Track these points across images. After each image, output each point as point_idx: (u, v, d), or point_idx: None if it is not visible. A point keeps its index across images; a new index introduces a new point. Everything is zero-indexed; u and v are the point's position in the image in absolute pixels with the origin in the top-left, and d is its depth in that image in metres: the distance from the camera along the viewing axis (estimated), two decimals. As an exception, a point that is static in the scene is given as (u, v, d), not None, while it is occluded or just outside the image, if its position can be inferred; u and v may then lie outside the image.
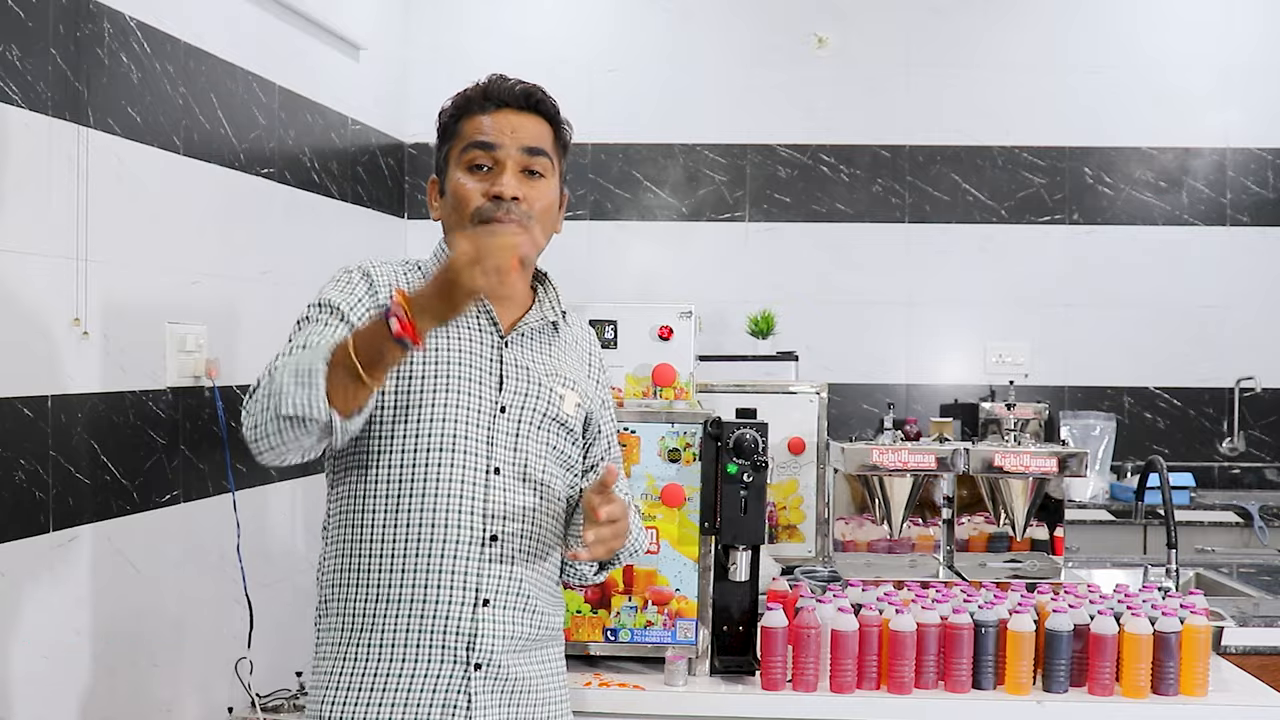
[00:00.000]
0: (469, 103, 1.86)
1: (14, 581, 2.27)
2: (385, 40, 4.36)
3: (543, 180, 1.85)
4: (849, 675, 2.05)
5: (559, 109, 1.89)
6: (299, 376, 1.58)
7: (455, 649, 1.72)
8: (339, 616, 1.76)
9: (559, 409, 1.83)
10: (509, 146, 1.82)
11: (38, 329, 2.36)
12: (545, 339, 1.88)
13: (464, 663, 1.73)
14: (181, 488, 2.84)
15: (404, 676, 1.72)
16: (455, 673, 1.73)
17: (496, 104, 1.84)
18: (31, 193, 2.35)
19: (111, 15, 2.60)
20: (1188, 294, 4.63)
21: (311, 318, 1.77)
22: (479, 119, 1.84)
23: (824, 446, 2.75)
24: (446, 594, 1.72)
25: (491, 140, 1.82)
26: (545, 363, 1.86)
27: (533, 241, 1.64)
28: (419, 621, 1.72)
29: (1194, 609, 2.12)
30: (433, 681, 1.72)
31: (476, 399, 1.76)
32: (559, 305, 1.91)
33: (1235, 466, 4.61)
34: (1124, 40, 4.68)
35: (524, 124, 1.84)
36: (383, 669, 1.72)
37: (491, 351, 1.81)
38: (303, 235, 3.57)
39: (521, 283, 1.80)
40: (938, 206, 4.68)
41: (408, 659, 1.72)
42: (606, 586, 2.14)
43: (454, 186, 1.84)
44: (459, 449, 1.74)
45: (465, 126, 1.85)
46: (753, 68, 4.70)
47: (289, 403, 1.58)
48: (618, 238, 4.72)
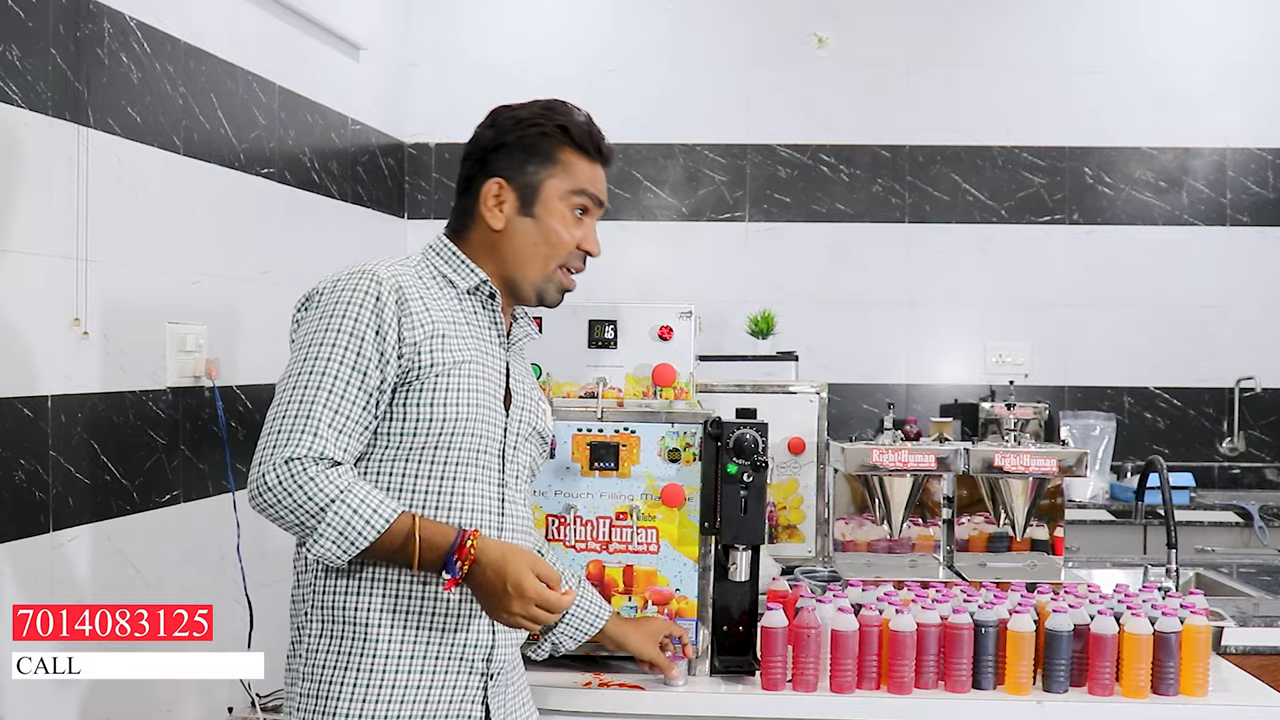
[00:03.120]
0: (579, 144, 1.84)
1: (14, 581, 2.27)
2: (385, 40, 4.35)
3: None
4: (849, 675, 2.05)
5: None
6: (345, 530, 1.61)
7: (474, 661, 1.75)
8: (345, 625, 1.72)
9: (545, 422, 1.89)
10: (603, 208, 1.88)
11: (38, 329, 2.36)
12: (523, 352, 1.94)
13: (482, 674, 1.76)
14: (181, 488, 2.84)
15: (423, 688, 1.72)
16: (473, 684, 1.75)
17: (604, 161, 1.88)
18: (31, 193, 2.35)
19: (111, 15, 2.60)
20: (1188, 294, 4.63)
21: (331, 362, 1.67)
22: (590, 167, 1.85)
23: (824, 446, 2.75)
24: (469, 608, 1.73)
25: (600, 197, 1.87)
26: (526, 376, 1.91)
27: None
28: (440, 635, 1.72)
29: (1194, 609, 2.12)
30: (450, 693, 1.74)
31: (493, 413, 1.77)
32: (529, 320, 1.96)
33: (1235, 466, 4.61)
34: (1124, 40, 4.68)
35: (605, 182, 1.90)
36: (400, 681, 1.71)
37: (500, 365, 1.83)
38: (303, 235, 3.57)
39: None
40: (938, 206, 4.68)
41: (425, 671, 1.72)
42: (606, 586, 2.14)
43: (555, 224, 1.82)
44: (480, 464, 1.76)
45: (576, 165, 1.83)
46: (753, 68, 4.70)
47: (318, 547, 1.63)
48: (618, 238, 4.70)
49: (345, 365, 1.67)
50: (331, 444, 1.64)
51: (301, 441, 1.62)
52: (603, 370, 2.27)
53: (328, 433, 1.64)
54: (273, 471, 1.61)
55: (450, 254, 1.83)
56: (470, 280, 1.81)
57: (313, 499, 1.61)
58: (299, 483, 1.61)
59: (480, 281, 1.81)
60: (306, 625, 1.75)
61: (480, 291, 1.82)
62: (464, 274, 1.81)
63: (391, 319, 1.70)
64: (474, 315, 1.82)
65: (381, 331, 1.69)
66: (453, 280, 1.81)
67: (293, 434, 1.63)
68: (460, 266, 1.82)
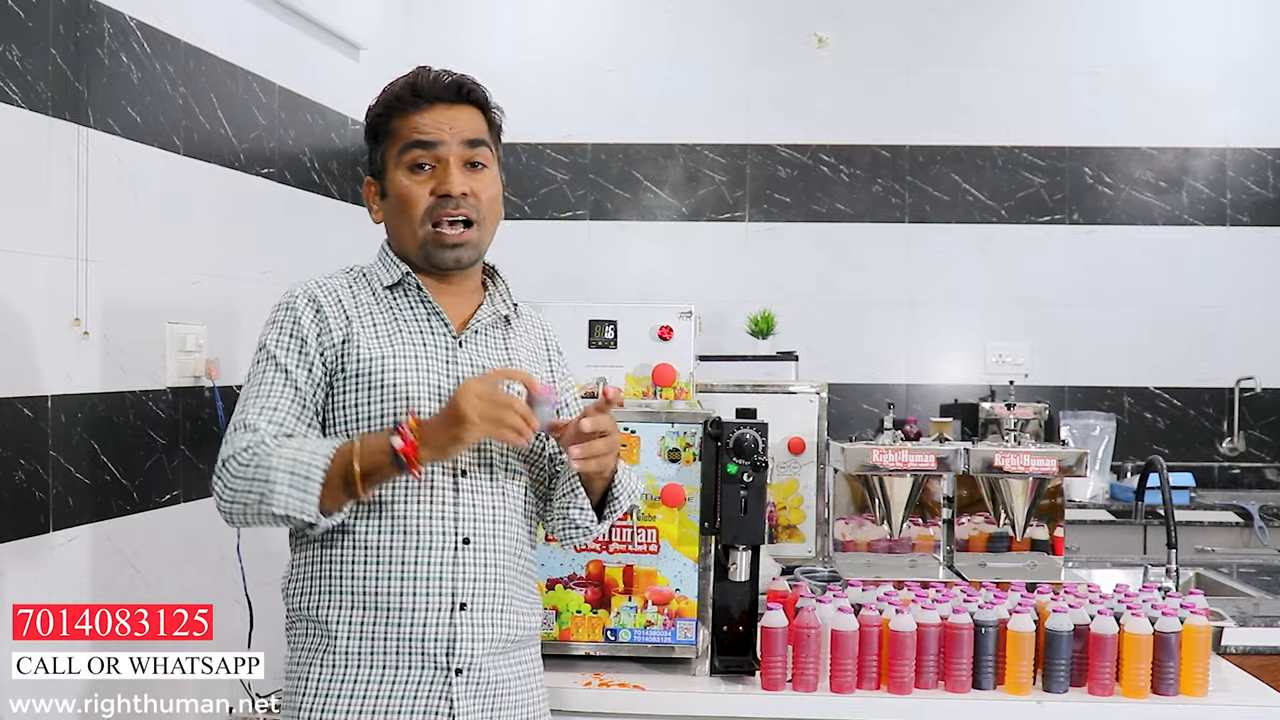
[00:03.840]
0: (399, 100, 1.82)
1: (14, 581, 2.27)
2: (385, 40, 4.35)
3: (486, 171, 1.83)
4: (849, 675, 2.05)
5: (489, 95, 1.87)
6: (294, 480, 1.62)
7: (435, 655, 1.72)
8: (312, 624, 1.75)
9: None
10: (449, 142, 1.79)
11: (38, 329, 2.36)
12: (499, 334, 1.87)
13: (444, 668, 1.72)
14: (181, 488, 2.84)
15: (384, 684, 1.72)
16: (436, 679, 1.72)
17: (428, 99, 1.81)
18: (31, 193, 2.35)
19: (111, 15, 2.60)
20: (1188, 294, 4.63)
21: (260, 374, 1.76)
22: (413, 117, 1.80)
23: (824, 446, 2.75)
24: (423, 600, 1.71)
25: (431, 138, 1.79)
26: (502, 359, 1.85)
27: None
28: (396, 629, 1.71)
29: (1194, 609, 2.12)
30: (413, 688, 1.72)
31: (436, 404, 1.74)
32: (510, 298, 1.91)
33: (1235, 466, 4.61)
34: (1124, 40, 4.68)
35: (459, 117, 1.81)
36: (361, 676, 1.72)
37: (446, 353, 1.79)
38: (303, 235, 3.57)
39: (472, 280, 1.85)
40: (938, 206, 4.68)
41: (387, 666, 1.72)
42: (606, 586, 2.14)
43: (398, 189, 1.80)
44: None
45: (400, 125, 1.81)
46: (753, 68, 4.70)
47: (280, 504, 1.63)
48: (618, 238, 4.71)
49: (269, 370, 1.75)
50: (264, 429, 1.70)
51: (237, 441, 1.69)
52: (603, 370, 2.27)
53: (257, 422, 1.70)
54: (217, 479, 1.68)
55: (381, 253, 1.87)
56: (391, 276, 1.83)
57: (257, 467, 1.64)
58: (241, 462, 1.66)
59: (403, 275, 1.82)
60: (290, 627, 1.80)
61: (406, 285, 1.82)
62: (390, 271, 1.83)
63: (308, 322, 1.76)
64: (407, 310, 1.81)
65: (296, 334, 1.76)
66: (381, 279, 1.83)
67: (229, 441, 1.70)
68: (389, 264, 1.84)
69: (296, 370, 1.74)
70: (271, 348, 1.76)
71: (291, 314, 1.77)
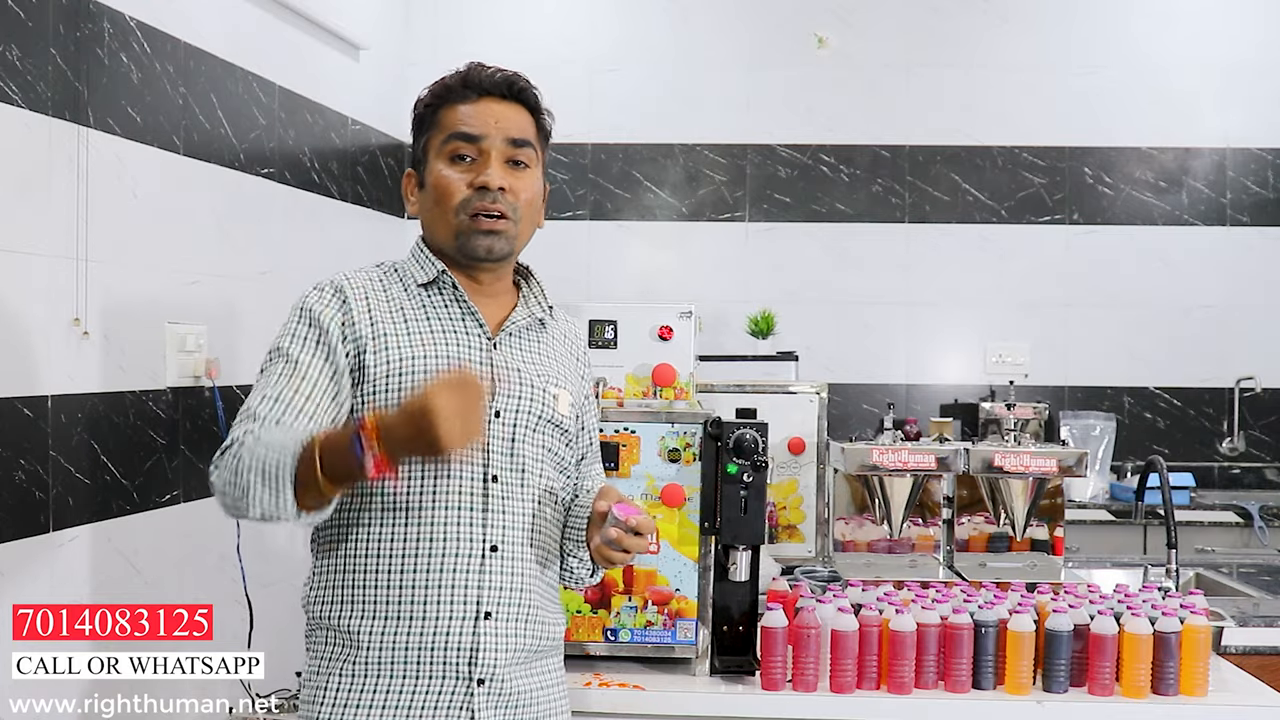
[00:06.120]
0: (448, 91, 1.79)
1: (14, 581, 2.27)
2: (385, 40, 4.35)
3: (528, 171, 1.79)
4: (849, 675, 2.05)
5: (540, 98, 1.83)
6: (266, 479, 1.55)
7: (457, 664, 1.68)
8: (334, 633, 1.72)
9: (554, 410, 1.78)
10: (493, 137, 1.76)
11: (38, 329, 2.36)
12: (534, 337, 1.83)
13: (466, 678, 1.69)
14: (181, 488, 2.84)
15: (404, 693, 1.68)
16: (458, 689, 1.69)
17: (478, 92, 1.78)
18: (31, 193, 2.35)
19: (111, 15, 2.60)
20: (1188, 294, 4.63)
21: (269, 364, 1.71)
22: (460, 108, 1.77)
23: (824, 446, 2.75)
24: (447, 609, 1.68)
25: (475, 131, 1.76)
26: (536, 362, 1.80)
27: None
28: (418, 638, 1.68)
29: (1194, 609, 2.12)
30: (434, 698, 1.68)
31: None
32: (545, 300, 1.86)
33: (1235, 466, 4.61)
34: (1124, 40, 4.68)
35: (507, 113, 1.78)
36: (382, 685, 1.68)
37: (480, 355, 1.75)
38: (303, 235, 3.57)
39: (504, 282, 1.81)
40: (938, 206, 4.68)
41: (408, 675, 1.68)
42: (606, 586, 2.14)
43: (436, 179, 1.76)
44: (454, 457, 1.67)
45: (445, 117, 1.78)
46: (753, 68, 4.70)
47: (256, 504, 1.56)
48: (618, 238, 4.71)
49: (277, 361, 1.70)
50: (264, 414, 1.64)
51: (233, 431, 1.65)
52: (603, 370, 2.27)
53: (258, 409, 1.65)
54: (213, 468, 1.63)
55: (416, 250, 1.83)
56: (425, 273, 1.78)
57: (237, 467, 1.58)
58: (231, 455, 1.60)
59: (438, 273, 1.77)
60: (310, 635, 1.76)
61: (441, 284, 1.78)
62: (425, 268, 1.79)
63: (331, 310, 1.71)
64: (441, 309, 1.77)
65: (313, 324, 1.71)
66: (415, 276, 1.79)
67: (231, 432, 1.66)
68: (424, 260, 1.80)
69: (305, 356, 1.69)
70: (284, 342, 1.71)
71: (308, 307, 1.73)
